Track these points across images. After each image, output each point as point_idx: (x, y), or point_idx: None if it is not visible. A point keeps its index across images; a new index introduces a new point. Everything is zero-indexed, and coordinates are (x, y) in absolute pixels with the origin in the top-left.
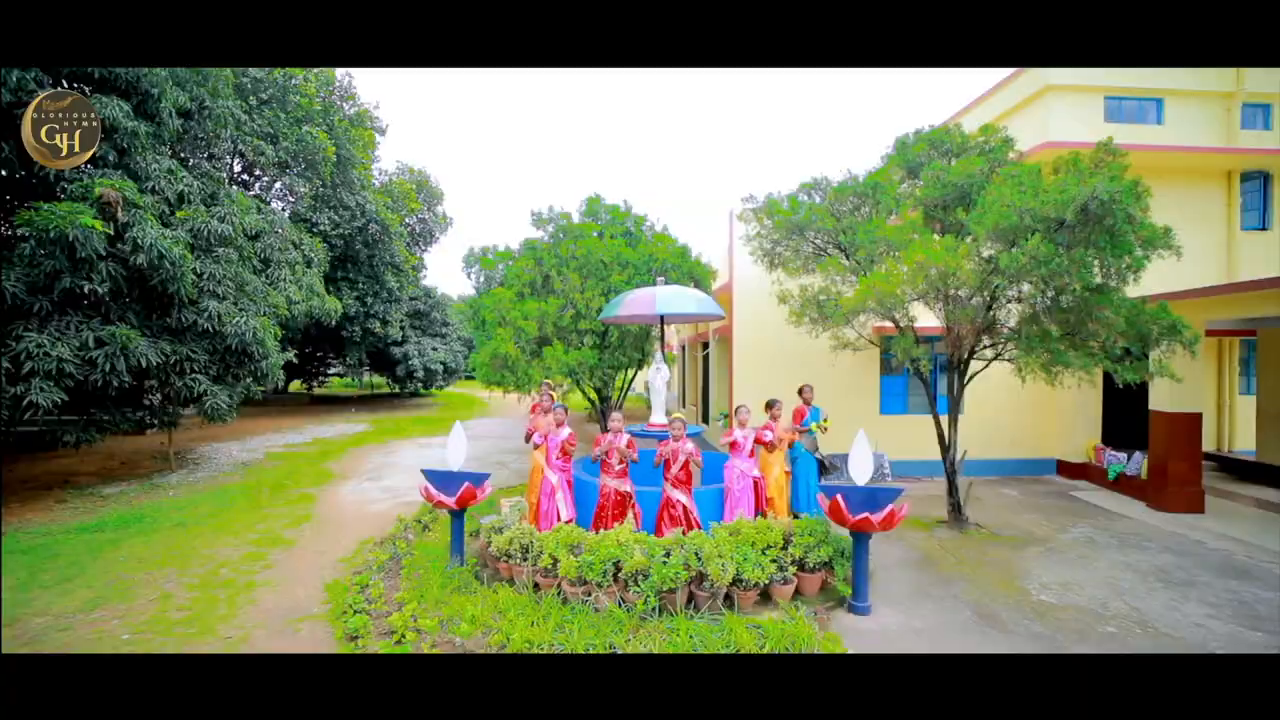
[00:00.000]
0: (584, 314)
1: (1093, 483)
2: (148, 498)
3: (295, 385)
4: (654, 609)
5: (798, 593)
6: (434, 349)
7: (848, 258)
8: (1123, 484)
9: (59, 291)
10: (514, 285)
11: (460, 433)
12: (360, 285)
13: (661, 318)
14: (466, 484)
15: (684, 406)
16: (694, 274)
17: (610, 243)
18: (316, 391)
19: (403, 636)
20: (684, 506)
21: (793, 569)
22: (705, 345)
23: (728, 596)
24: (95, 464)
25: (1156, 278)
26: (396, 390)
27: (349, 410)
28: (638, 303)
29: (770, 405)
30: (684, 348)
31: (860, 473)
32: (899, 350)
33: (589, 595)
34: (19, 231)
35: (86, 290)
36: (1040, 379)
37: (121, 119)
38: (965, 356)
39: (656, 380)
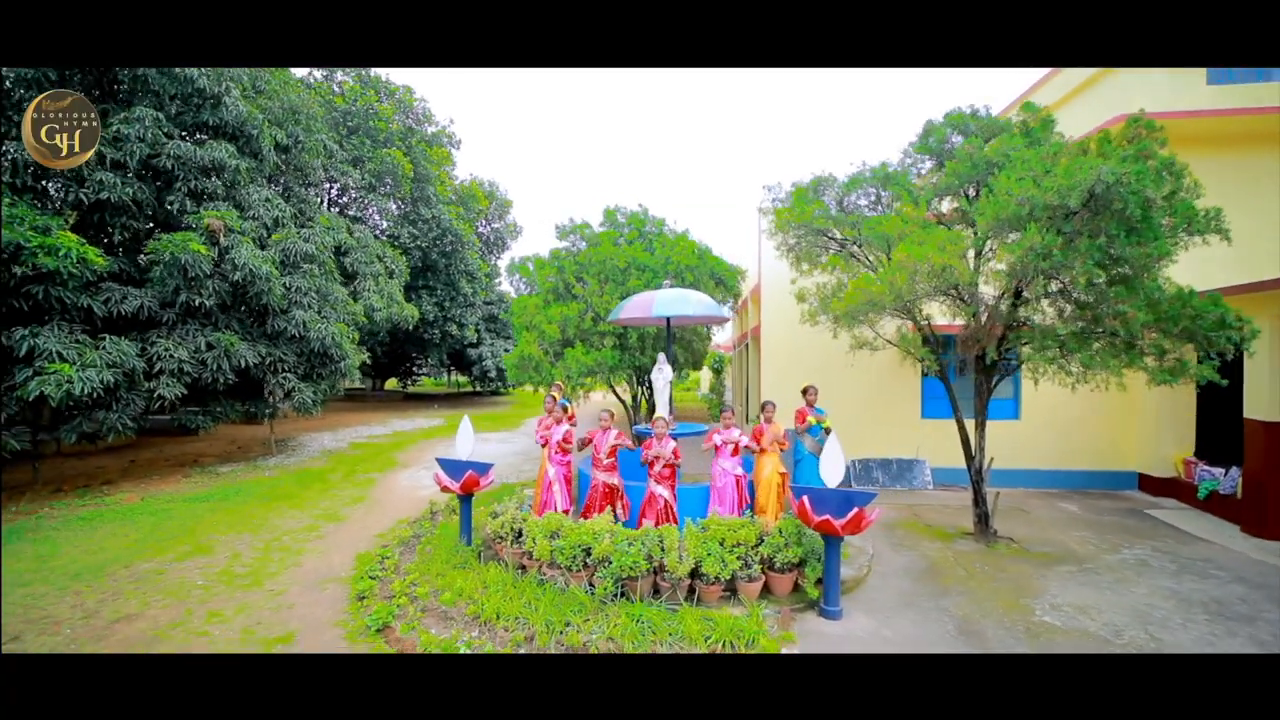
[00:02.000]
0: (603, 317)
1: (1181, 501)
2: (248, 476)
3: (391, 383)
4: (614, 594)
5: (769, 592)
6: (506, 350)
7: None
8: (1215, 504)
9: (179, 305)
10: (540, 292)
11: (467, 426)
12: (438, 292)
13: (668, 320)
14: (470, 472)
15: (734, 405)
16: (716, 274)
17: (626, 249)
18: (409, 390)
19: (399, 599)
20: (665, 501)
21: (759, 567)
22: (747, 346)
23: (693, 589)
24: (219, 448)
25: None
26: (477, 389)
27: (432, 407)
28: (637, 305)
29: (764, 407)
30: (734, 348)
31: (832, 476)
32: (904, 349)
33: (563, 578)
34: (149, 258)
35: (197, 303)
36: (1062, 381)
37: (227, 159)
38: (992, 357)
39: (658, 380)
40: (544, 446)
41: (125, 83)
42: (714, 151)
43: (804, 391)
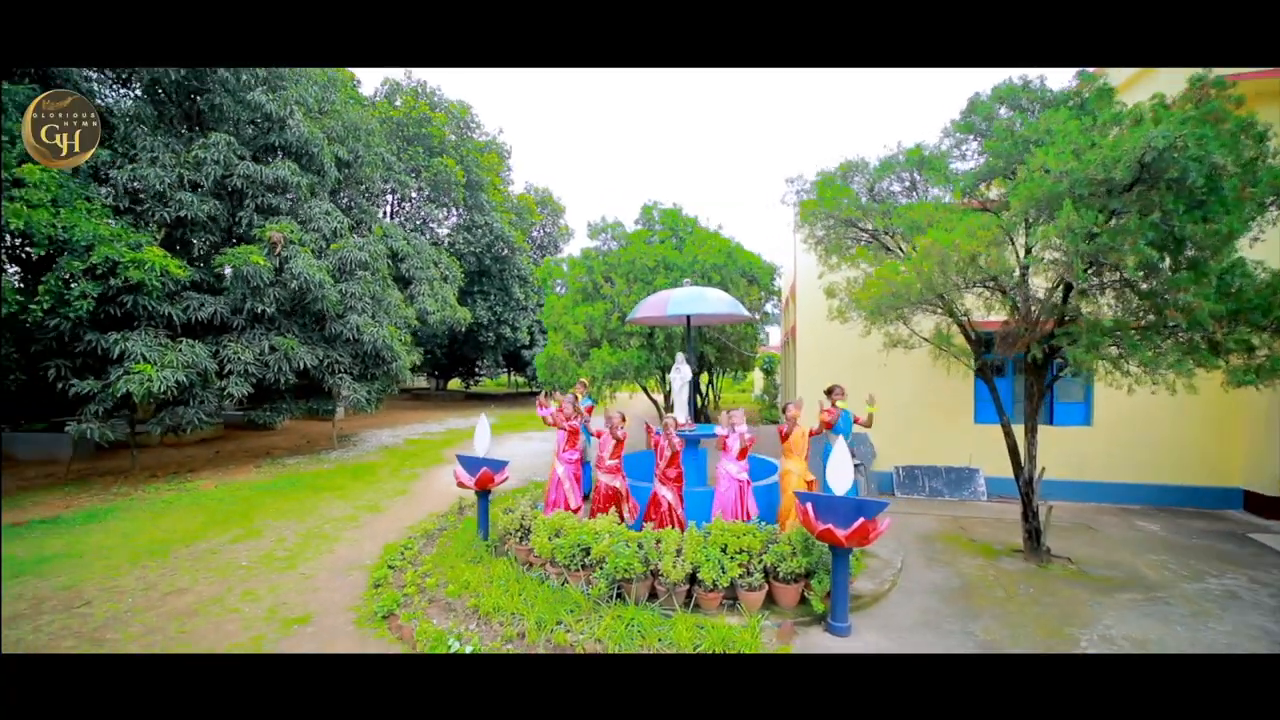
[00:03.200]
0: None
1: None
2: (309, 468)
3: (454, 384)
4: (610, 596)
5: (774, 604)
6: None
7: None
8: None
9: (246, 312)
10: (570, 293)
11: (485, 424)
12: (492, 296)
13: (688, 319)
14: (484, 469)
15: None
16: (748, 272)
17: (658, 247)
18: (471, 389)
19: (409, 589)
20: (668, 503)
21: (760, 576)
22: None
23: (692, 595)
24: (291, 442)
25: None
26: (534, 389)
27: (489, 406)
28: (652, 305)
29: (784, 408)
30: (782, 348)
31: (839, 482)
32: (938, 346)
33: (558, 576)
34: (219, 269)
35: (260, 310)
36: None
37: (289, 176)
38: (1035, 355)
39: (676, 380)
40: (548, 424)
41: (205, 111)
42: (762, 150)
43: (828, 392)
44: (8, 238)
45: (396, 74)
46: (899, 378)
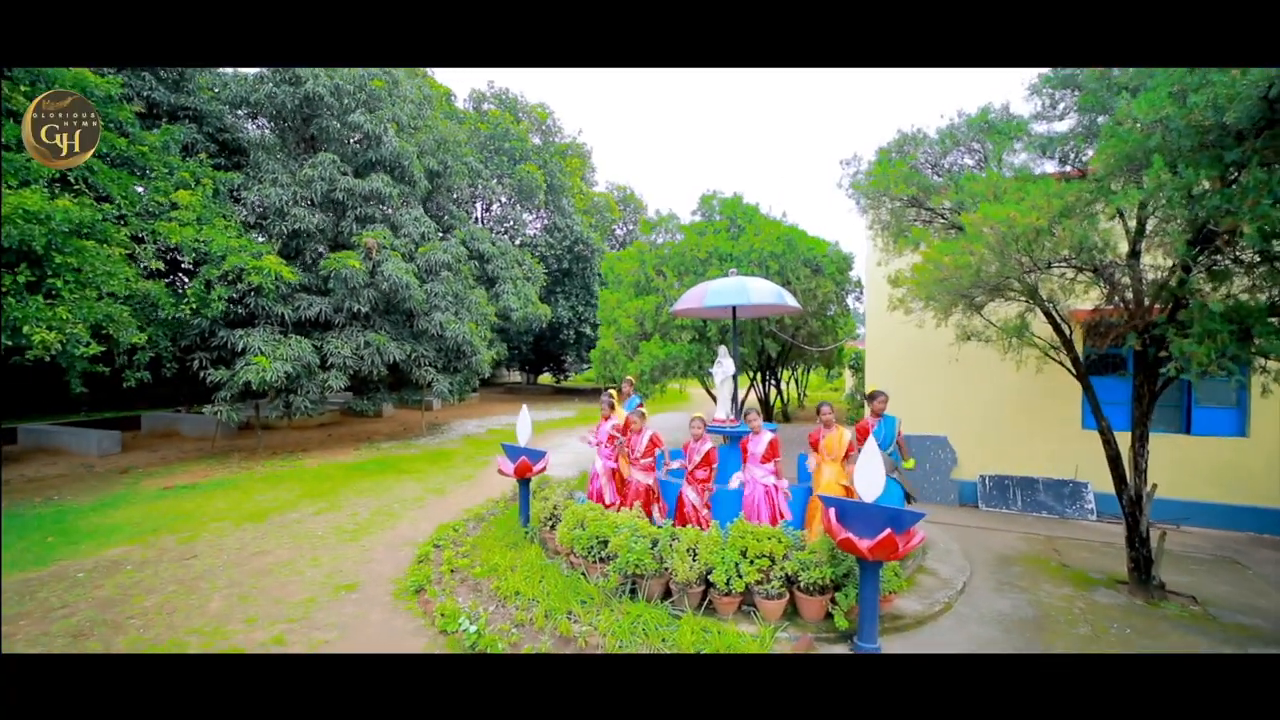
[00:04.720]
0: None
1: None
2: (397, 452)
3: (545, 378)
4: (623, 590)
5: (797, 615)
6: None
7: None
8: None
9: (346, 311)
10: (624, 286)
11: (526, 415)
12: (574, 296)
13: (734, 310)
14: (522, 458)
15: None
16: (811, 260)
17: (709, 239)
18: (561, 384)
19: (444, 567)
20: (692, 504)
21: (779, 583)
22: None
23: (707, 598)
24: (390, 428)
25: None
26: (614, 385)
27: (573, 400)
28: (692, 297)
29: (819, 410)
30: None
31: (869, 488)
32: (1009, 335)
33: (569, 567)
34: (325, 273)
35: (356, 309)
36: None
37: (383, 187)
38: (1132, 346)
39: (718, 374)
40: (595, 446)
41: (316, 135)
42: (843, 143)
43: (870, 398)
44: (179, 253)
45: (479, 83)
46: (985, 373)
